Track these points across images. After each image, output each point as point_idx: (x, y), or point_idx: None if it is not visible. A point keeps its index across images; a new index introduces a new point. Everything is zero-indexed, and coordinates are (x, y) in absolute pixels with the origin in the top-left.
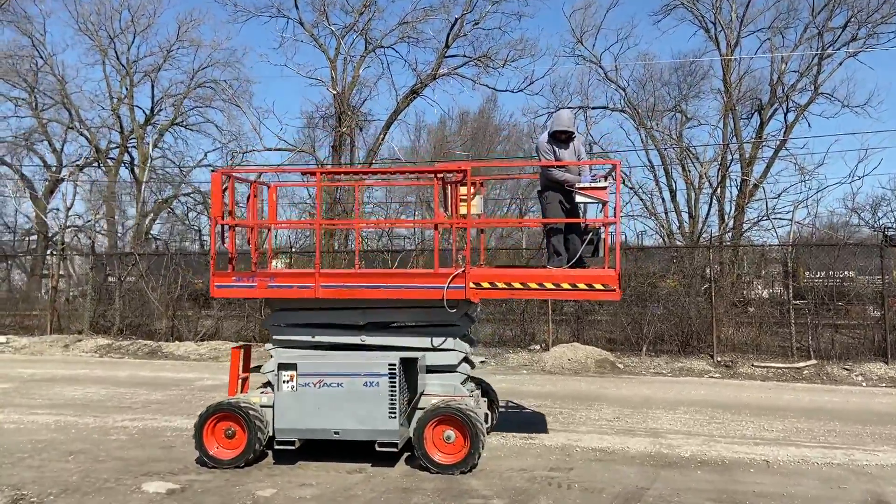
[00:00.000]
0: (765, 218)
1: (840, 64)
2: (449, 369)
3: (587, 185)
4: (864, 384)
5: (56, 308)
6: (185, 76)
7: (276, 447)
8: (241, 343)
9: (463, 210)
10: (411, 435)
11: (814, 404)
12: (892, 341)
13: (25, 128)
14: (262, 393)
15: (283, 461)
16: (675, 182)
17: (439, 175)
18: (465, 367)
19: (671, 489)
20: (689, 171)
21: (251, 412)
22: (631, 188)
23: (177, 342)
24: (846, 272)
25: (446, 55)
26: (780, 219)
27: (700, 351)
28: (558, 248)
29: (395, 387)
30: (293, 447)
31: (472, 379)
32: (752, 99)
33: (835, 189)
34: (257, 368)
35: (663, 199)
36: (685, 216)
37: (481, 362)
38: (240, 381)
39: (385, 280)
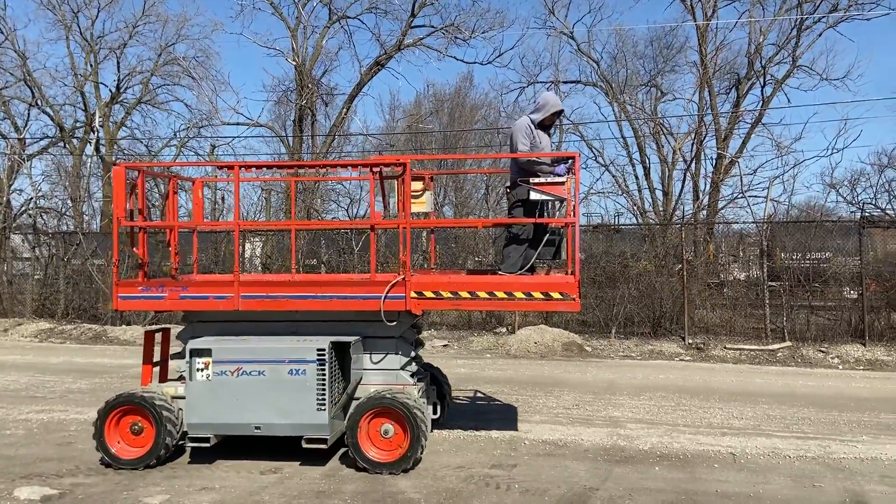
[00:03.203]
0: (740, 195)
1: (819, 35)
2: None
3: (542, 180)
4: (840, 367)
5: None
6: (153, 53)
7: (189, 444)
8: (158, 326)
9: (413, 208)
10: (345, 429)
11: (787, 389)
12: (869, 323)
13: None
14: (178, 383)
15: (201, 459)
16: (649, 158)
17: (375, 169)
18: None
19: (623, 489)
20: (663, 147)
21: (158, 404)
22: (603, 165)
23: (124, 326)
24: (823, 252)
25: (412, 25)
26: (756, 196)
27: (672, 333)
28: (516, 252)
29: (324, 375)
30: (208, 444)
31: (421, 364)
32: (729, 72)
33: (812, 164)
34: (178, 355)
35: (636, 176)
36: (659, 193)
37: (443, 346)
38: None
39: (315, 290)
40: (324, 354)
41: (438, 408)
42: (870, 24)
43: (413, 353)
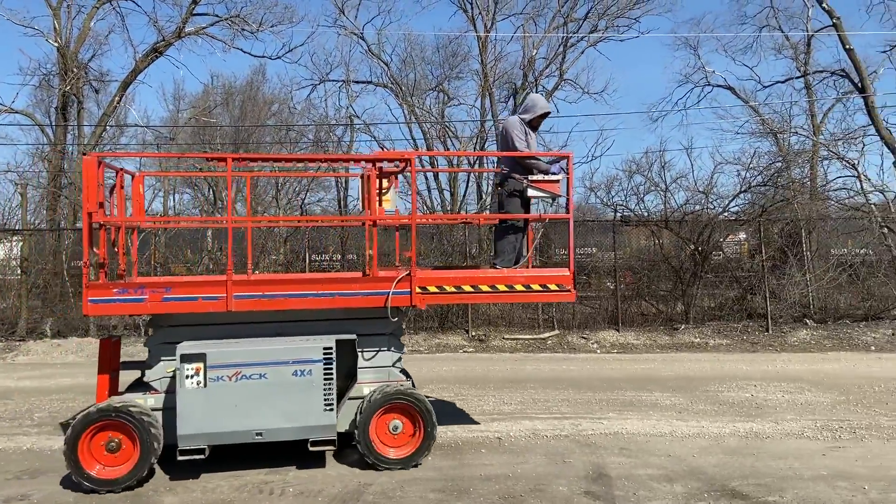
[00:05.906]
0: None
1: (582, 53)
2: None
3: (539, 177)
4: (598, 351)
5: None
6: None
7: (180, 457)
8: (109, 334)
9: (383, 205)
10: (356, 428)
11: (553, 374)
12: (623, 310)
13: None
14: (145, 394)
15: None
16: (437, 160)
17: (377, 164)
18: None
19: (396, 482)
20: (449, 150)
21: (143, 417)
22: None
23: None
24: (588, 248)
25: (194, 12)
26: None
27: (458, 327)
28: (511, 246)
29: (331, 374)
30: (203, 456)
31: None
32: (507, 82)
33: (576, 169)
34: (129, 365)
35: (426, 177)
36: (446, 194)
37: None
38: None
39: (316, 287)
40: (330, 353)
41: None
42: (623, 45)
43: (404, 350)
